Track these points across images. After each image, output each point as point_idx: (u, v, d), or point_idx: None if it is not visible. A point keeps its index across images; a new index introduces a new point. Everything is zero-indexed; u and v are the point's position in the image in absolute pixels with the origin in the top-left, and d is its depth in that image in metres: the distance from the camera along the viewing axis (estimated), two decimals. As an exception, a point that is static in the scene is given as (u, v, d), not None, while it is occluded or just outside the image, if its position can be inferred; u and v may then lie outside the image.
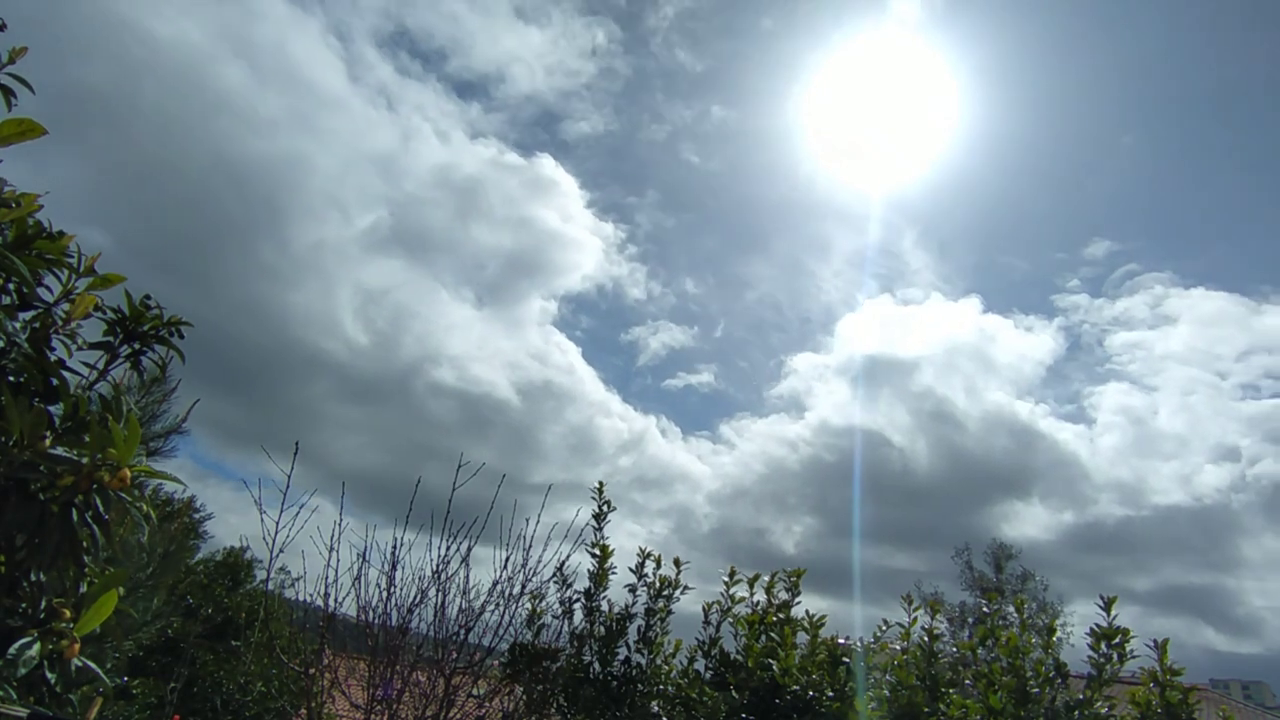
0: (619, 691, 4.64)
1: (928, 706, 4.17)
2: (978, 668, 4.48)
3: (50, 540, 1.56)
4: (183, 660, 18.16)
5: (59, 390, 1.76)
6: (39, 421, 1.59)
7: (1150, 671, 4.01)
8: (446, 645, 4.50)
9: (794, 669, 4.47)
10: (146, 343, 2.14)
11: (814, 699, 4.31)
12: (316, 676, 4.37)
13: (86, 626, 1.70)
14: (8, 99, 1.79)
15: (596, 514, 5.14)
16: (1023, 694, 4.09)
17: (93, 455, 1.60)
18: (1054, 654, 4.30)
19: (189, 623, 19.08)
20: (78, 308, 1.90)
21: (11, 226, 1.78)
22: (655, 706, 4.58)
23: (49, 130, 1.72)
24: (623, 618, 4.88)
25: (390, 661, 4.37)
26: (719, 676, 4.82)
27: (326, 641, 4.48)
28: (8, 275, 1.75)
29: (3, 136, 1.64)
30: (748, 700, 4.46)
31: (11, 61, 1.81)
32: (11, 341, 1.74)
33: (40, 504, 1.56)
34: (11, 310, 1.79)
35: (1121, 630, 4.11)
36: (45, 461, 1.58)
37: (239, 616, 20.88)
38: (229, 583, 22.42)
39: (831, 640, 4.69)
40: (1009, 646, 4.32)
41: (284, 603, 5.52)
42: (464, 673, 4.55)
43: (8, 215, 1.76)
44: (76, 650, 1.70)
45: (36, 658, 1.59)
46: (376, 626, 4.48)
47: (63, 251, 1.86)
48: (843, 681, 4.29)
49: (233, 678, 19.44)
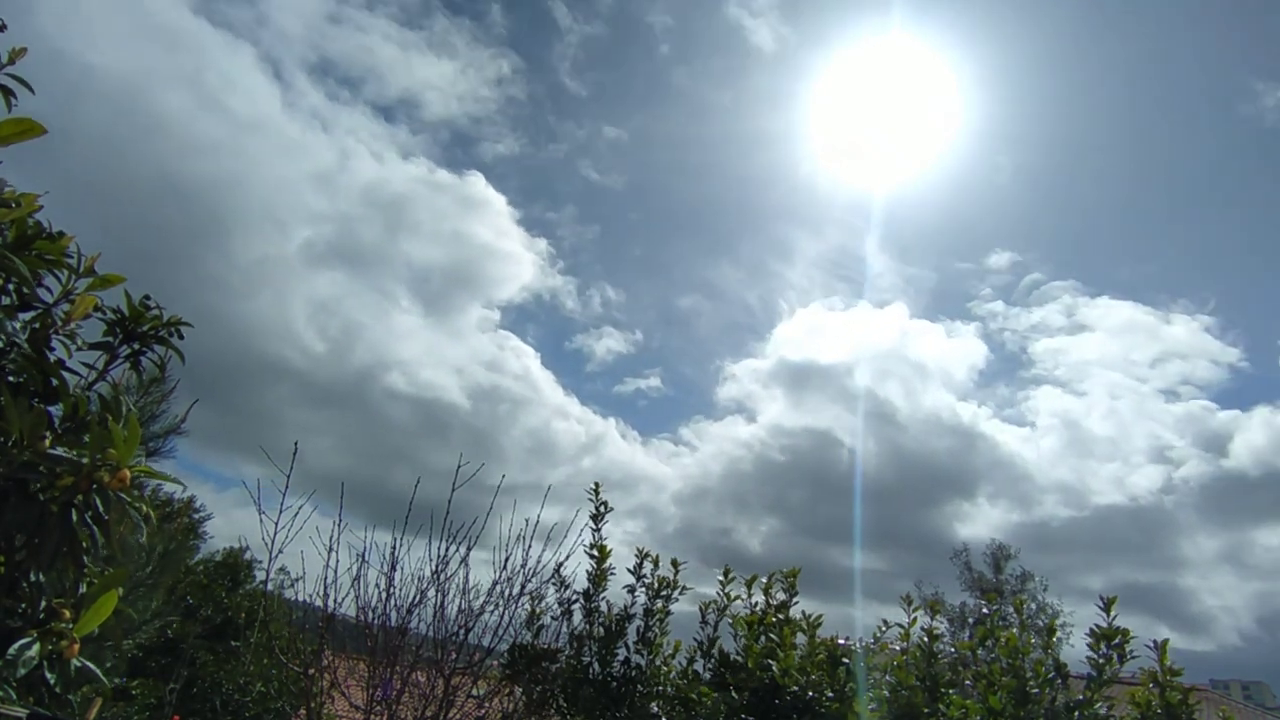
0: (618, 692, 4.64)
1: (927, 707, 4.16)
2: (977, 668, 4.48)
3: (50, 540, 1.56)
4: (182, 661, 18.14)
5: (59, 391, 1.76)
6: (39, 422, 1.59)
7: (1150, 672, 4.01)
8: (446, 646, 4.51)
9: (793, 669, 4.47)
10: (146, 343, 2.14)
11: (813, 699, 4.30)
12: (316, 677, 4.37)
13: (86, 627, 1.70)
14: (7, 99, 1.79)
15: (594, 514, 5.13)
16: (1022, 694, 4.09)
17: (92, 456, 1.60)
18: (1054, 654, 4.30)
19: (188, 623, 19.06)
20: (77, 308, 1.90)
21: (11, 227, 1.78)
22: (655, 707, 4.58)
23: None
24: (622, 618, 4.88)
25: (390, 662, 4.37)
26: (718, 677, 4.81)
27: (326, 642, 4.48)
28: (7, 276, 1.75)
29: (2, 136, 1.64)
30: (747, 701, 4.45)
31: (11, 62, 1.81)
32: (11, 342, 1.74)
33: (40, 504, 1.56)
34: (11, 311, 1.79)
35: (1121, 631, 4.11)
36: (45, 462, 1.58)
37: (239, 617, 20.86)
38: (228, 583, 22.41)
39: (831, 641, 4.68)
40: (1008, 647, 4.32)
41: (283, 603, 5.52)
42: (463, 673, 4.55)
43: (7, 215, 1.76)
44: (76, 651, 1.70)
45: (36, 658, 1.59)
46: (376, 627, 4.48)
47: (62, 252, 1.86)
48: (842, 682, 4.29)
49: (232, 678, 19.41)
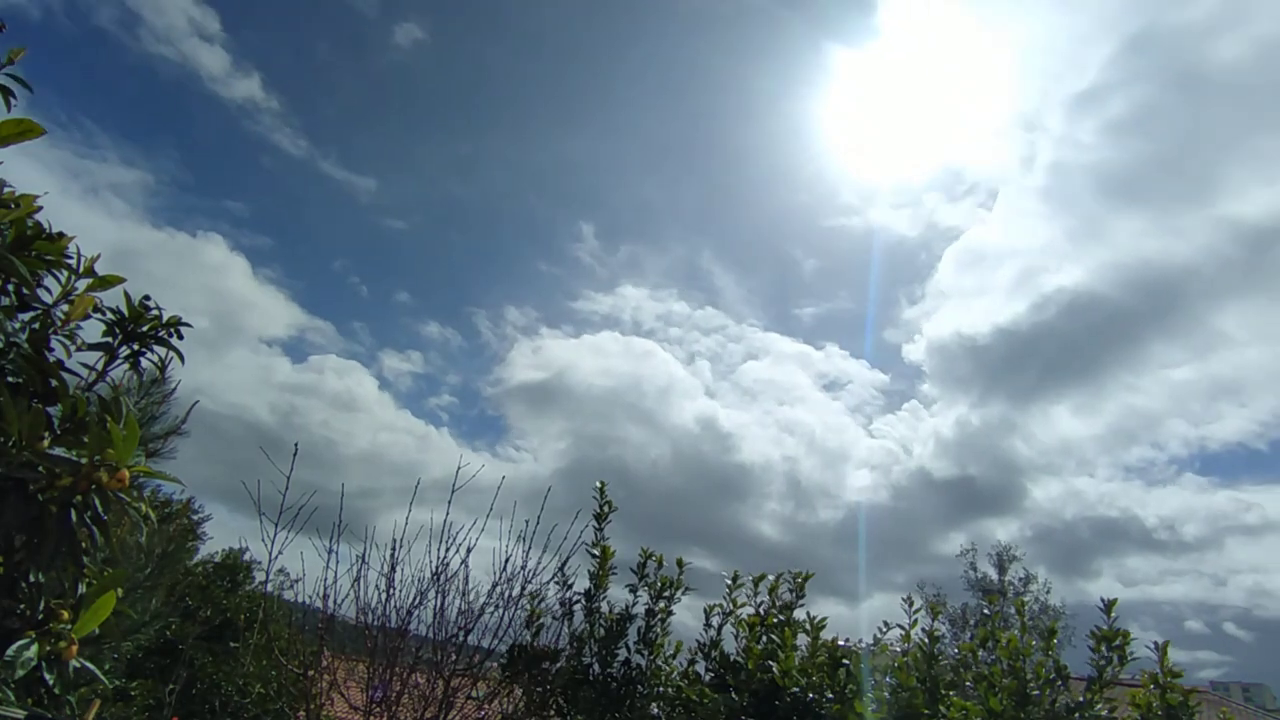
0: (618, 693, 4.63)
1: (928, 709, 4.15)
2: (978, 670, 4.47)
3: (49, 541, 1.55)
4: (181, 662, 18.14)
5: (58, 391, 1.76)
6: (37, 422, 1.59)
7: (1151, 674, 4.01)
8: (446, 647, 4.50)
9: (794, 671, 4.46)
10: (145, 343, 2.14)
11: (814, 701, 4.30)
12: (315, 678, 4.36)
13: (85, 628, 1.69)
14: (7, 99, 1.78)
15: (597, 514, 5.13)
16: (1023, 696, 4.08)
17: (91, 456, 1.60)
18: (1054, 656, 4.29)
19: (187, 624, 19.05)
20: (77, 308, 1.90)
21: (11, 227, 1.77)
22: (655, 709, 4.57)
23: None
24: (622, 618, 4.87)
25: (389, 663, 4.37)
26: (719, 678, 4.80)
27: (326, 643, 4.48)
28: (7, 276, 1.74)
29: (2, 136, 1.64)
30: (748, 702, 4.44)
31: (11, 62, 1.81)
32: (11, 342, 1.73)
33: (39, 504, 1.55)
34: (11, 311, 1.78)
35: (1122, 633, 4.11)
36: (44, 462, 1.57)
37: (238, 618, 20.84)
38: (228, 584, 22.39)
39: (832, 642, 4.67)
40: (1009, 648, 4.31)
41: (283, 604, 5.51)
42: (463, 675, 4.54)
43: (7, 216, 1.76)
44: (75, 652, 1.69)
45: (35, 659, 1.58)
46: (375, 628, 4.47)
47: (62, 252, 1.85)
48: (843, 684, 4.28)
49: (231, 680, 19.40)
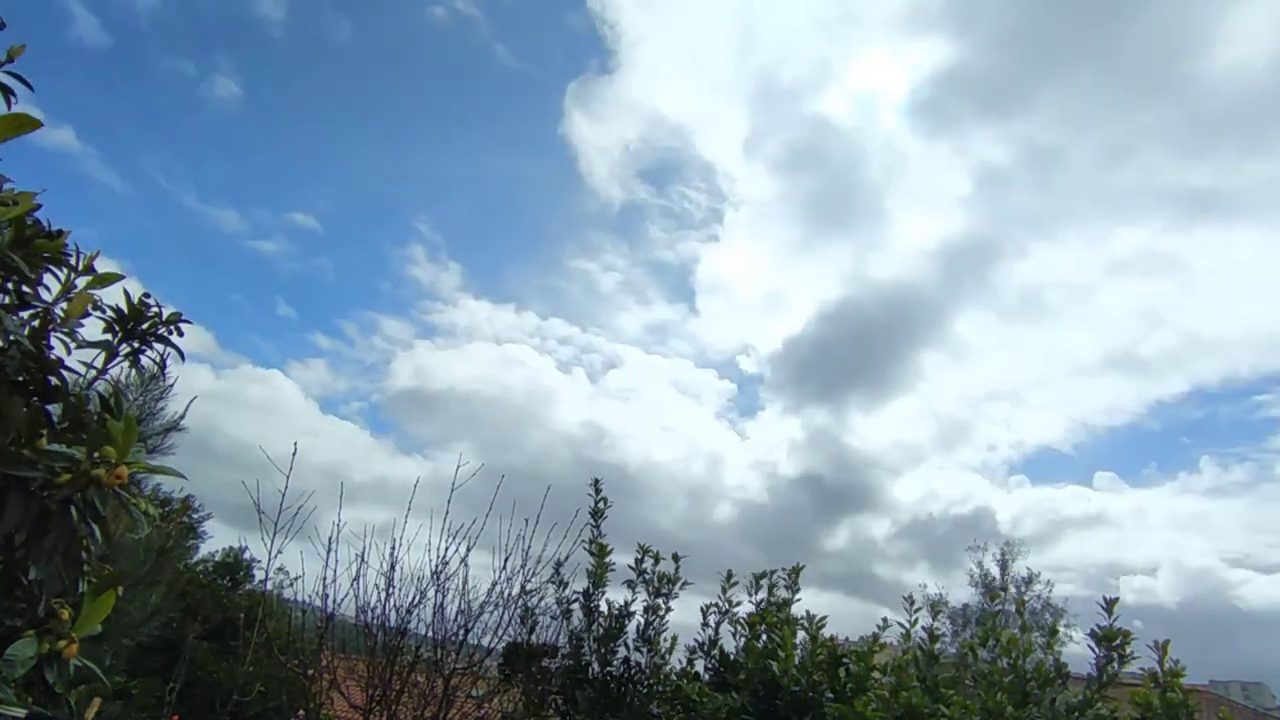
0: (618, 693, 4.62)
1: (928, 708, 4.15)
2: (978, 668, 4.47)
3: (49, 538, 1.55)
4: (181, 660, 18.15)
5: (58, 389, 1.76)
6: (37, 419, 1.59)
7: (1150, 673, 4.01)
8: (445, 646, 4.50)
9: (794, 670, 4.46)
10: (145, 341, 2.13)
11: (814, 700, 4.29)
12: (315, 677, 4.36)
13: (85, 626, 1.69)
14: (6, 97, 1.78)
15: (594, 511, 5.13)
16: (1023, 695, 4.08)
17: (90, 453, 1.60)
18: (1055, 655, 4.29)
19: (188, 623, 19.06)
20: (76, 306, 1.89)
21: (10, 225, 1.77)
22: (654, 708, 4.56)
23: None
24: (621, 615, 4.86)
25: (389, 662, 4.37)
26: (718, 677, 4.80)
27: (325, 643, 4.47)
28: (7, 273, 1.74)
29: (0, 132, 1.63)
30: (747, 701, 4.44)
31: (10, 60, 1.81)
32: (12, 340, 1.73)
33: (39, 501, 1.55)
34: (10, 309, 1.78)
35: (1122, 632, 4.11)
36: (43, 459, 1.57)
37: (238, 617, 20.84)
38: (228, 582, 22.40)
39: (831, 641, 4.67)
40: (1009, 647, 4.31)
41: (283, 603, 5.50)
42: (463, 673, 4.54)
43: (6, 213, 1.75)
44: (75, 650, 1.69)
45: (35, 657, 1.58)
46: (375, 627, 4.47)
47: (61, 249, 1.85)
48: (842, 682, 4.27)
49: (231, 678, 19.41)
